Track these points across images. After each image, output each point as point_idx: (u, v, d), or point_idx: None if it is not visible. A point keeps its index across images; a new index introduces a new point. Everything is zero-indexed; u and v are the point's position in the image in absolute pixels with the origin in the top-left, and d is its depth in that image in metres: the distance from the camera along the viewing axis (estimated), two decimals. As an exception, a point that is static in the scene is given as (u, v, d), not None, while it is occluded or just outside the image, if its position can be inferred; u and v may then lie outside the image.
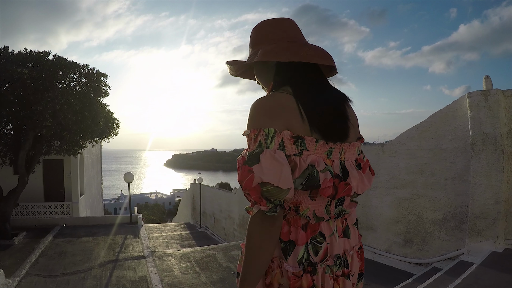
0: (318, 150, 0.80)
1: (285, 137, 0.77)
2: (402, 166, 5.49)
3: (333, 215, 0.87)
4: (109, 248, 7.16)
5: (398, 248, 5.39)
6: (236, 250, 6.80)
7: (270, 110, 0.80)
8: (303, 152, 0.79)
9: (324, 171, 0.79)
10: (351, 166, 0.87)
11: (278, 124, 0.78)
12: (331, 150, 0.82)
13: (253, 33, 0.98)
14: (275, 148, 0.76)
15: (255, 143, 0.77)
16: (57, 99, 5.87)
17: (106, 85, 7.12)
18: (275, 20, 0.96)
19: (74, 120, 6.30)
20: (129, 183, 9.85)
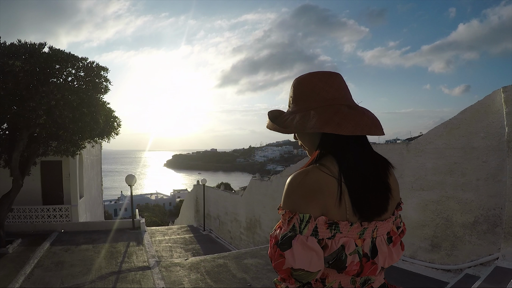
0: (352, 231, 0.79)
1: (319, 223, 0.77)
2: (429, 166, 5.17)
3: (359, 285, 0.85)
4: (111, 257, 6.59)
5: (424, 253, 5.12)
6: (249, 258, 6.25)
7: (307, 192, 0.78)
8: (336, 235, 0.78)
9: (352, 254, 0.79)
10: (382, 242, 0.85)
11: (313, 209, 0.77)
12: (364, 230, 0.81)
13: (298, 86, 0.90)
14: (308, 234, 0.76)
15: (289, 225, 0.77)
16: (52, 94, 5.28)
17: (106, 80, 6.54)
18: (327, 74, 0.89)
19: (71, 118, 5.71)
20: (131, 185, 9.25)
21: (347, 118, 0.81)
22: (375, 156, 0.89)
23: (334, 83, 0.87)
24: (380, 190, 0.84)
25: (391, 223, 0.89)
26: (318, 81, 0.87)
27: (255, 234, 10.74)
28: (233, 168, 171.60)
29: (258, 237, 10.52)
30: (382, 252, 0.84)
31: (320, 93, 0.86)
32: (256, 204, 10.60)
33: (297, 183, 0.79)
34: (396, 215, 0.91)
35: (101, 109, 6.54)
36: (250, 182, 11.13)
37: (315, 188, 0.77)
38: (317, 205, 0.77)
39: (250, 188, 11.13)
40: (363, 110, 0.87)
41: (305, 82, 0.89)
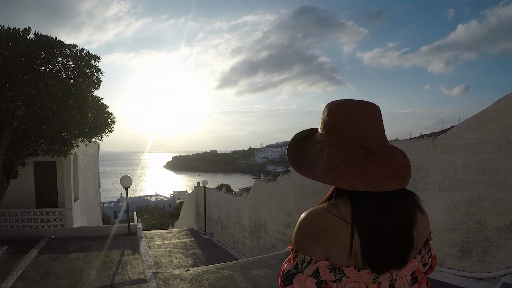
0: (361, 277, 0.76)
1: (320, 266, 0.76)
2: (459, 164, 4.70)
3: None
4: (103, 267, 5.91)
5: (453, 260, 4.67)
6: (258, 268, 5.58)
7: (312, 235, 0.78)
8: (342, 279, 0.76)
9: None
10: (404, 283, 0.80)
11: (316, 252, 0.77)
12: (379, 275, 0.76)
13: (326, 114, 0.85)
14: (308, 274, 0.77)
15: (293, 262, 0.80)
16: (33, 83, 4.63)
17: (98, 70, 5.87)
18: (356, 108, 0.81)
19: (55, 110, 5.04)
20: (127, 188, 8.56)
21: (354, 168, 0.76)
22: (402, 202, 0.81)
23: (360, 120, 0.81)
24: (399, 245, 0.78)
25: (416, 263, 0.83)
26: (343, 115, 0.82)
27: (260, 239, 10.11)
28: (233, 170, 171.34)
29: (264, 242, 9.89)
30: None
31: (342, 130, 0.82)
32: (261, 206, 9.98)
33: (306, 224, 0.80)
34: (423, 253, 0.87)
35: (91, 102, 5.86)
36: (255, 183, 10.50)
37: (322, 230, 0.77)
38: (321, 249, 0.77)
39: (254, 189, 10.51)
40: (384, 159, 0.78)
41: (332, 112, 0.85)
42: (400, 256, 0.78)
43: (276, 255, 6.54)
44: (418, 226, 0.82)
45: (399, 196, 0.81)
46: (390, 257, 0.76)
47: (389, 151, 0.81)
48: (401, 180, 0.78)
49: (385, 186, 0.76)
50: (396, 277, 0.79)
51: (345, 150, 0.78)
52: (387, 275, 0.77)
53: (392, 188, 0.76)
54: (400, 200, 0.81)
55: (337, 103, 0.85)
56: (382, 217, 0.77)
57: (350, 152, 0.78)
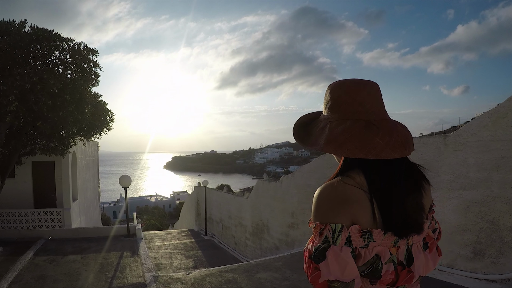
0: (385, 240, 0.78)
1: (352, 232, 0.76)
2: (472, 162, 4.53)
3: None
4: (101, 270, 5.67)
5: (464, 262, 4.53)
6: (262, 271, 5.35)
7: (336, 203, 0.78)
8: (370, 244, 0.77)
9: (388, 262, 0.78)
10: (418, 249, 0.84)
11: (344, 218, 0.76)
12: (398, 239, 0.79)
13: (330, 94, 0.90)
14: (341, 244, 0.76)
15: (321, 238, 0.77)
16: (27, 76, 4.39)
17: (96, 65, 5.63)
18: (354, 85, 0.87)
19: (51, 106, 4.80)
20: (126, 187, 8.32)
21: (353, 138, 0.79)
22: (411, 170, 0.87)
23: (358, 95, 0.86)
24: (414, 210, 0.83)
25: (426, 229, 0.87)
26: (343, 93, 0.87)
27: (263, 240, 9.88)
28: (232, 170, 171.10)
29: (266, 243, 9.66)
30: (419, 259, 0.83)
31: (342, 105, 0.86)
32: (264, 207, 9.75)
33: (325, 195, 0.80)
34: (429, 219, 0.90)
35: (89, 98, 5.61)
36: (257, 183, 10.28)
37: (344, 199, 0.78)
38: (347, 214, 0.77)
39: (256, 189, 10.28)
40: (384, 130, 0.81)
41: (333, 91, 0.90)
42: (419, 221, 0.83)
43: (281, 258, 6.30)
44: (425, 194, 0.87)
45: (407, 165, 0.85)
46: (410, 223, 0.80)
47: (389, 123, 0.85)
48: (402, 149, 0.80)
49: (385, 153, 0.78)
50: (411, 243, 0.82)
51: (345, 122, 0.83)
52: (405, 240, 0.80)
53: (393, 156, 0.79)
54: (409, 169, 0.85)
55: (337, 82, 0.90)
56: (396, 185, 0.80)
57: (350, 124, 0.82)
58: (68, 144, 8.08)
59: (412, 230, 0.81)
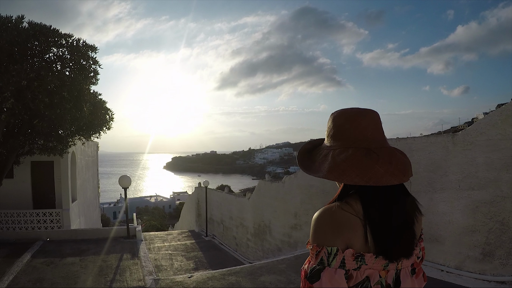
0: (376, 264, 0.83)
1: (346, 255, 0.81)
2: (481, 161, 4.43)
3: None
4: (100, 273, 5.51)
5: (473, 263, 4.42)
6: (266, 274, 5.19)
7: (333, 227, 0.83)
8: (362, 267, 0.82)
9: (376, 284, 0.83)
10: (406, 274, 0.89)
11: (340, 243, 0.81)
12: (388, 262, 0.84)
13: (330, 123, 0.97)
14: (336, 266, 0.80)
15: (317, 259, 0.82)
16: (24, 72, 4.24)
17: (95, 62, 5.47)
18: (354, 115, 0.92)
19: (48, 103, 4.64)
20: (126, 188, 8.16)
21: (354, 166, 0.84)
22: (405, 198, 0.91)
23: (360, 124, 0.90)
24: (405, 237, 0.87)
25: (415, 256, 0.92)
26: (344, 121, 0.92)
27: (265, 241, 9.73)
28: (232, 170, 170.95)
29: (268, 244, 9.51)
30: (405, 283, 0.87)
31: (344, 134, 0.91)
32: (266, 208, 9.60)
33: (322, 220, 0.85)
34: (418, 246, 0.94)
35: (87, 96, 5.45)
36: (259, 183, 10.12)
37: (340, 225, 0.83)
38: (342, 239, 0.82)
39: (258, 190, 10.12)
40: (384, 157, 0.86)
41: (335, 119, 0.95)
42: (409, 247, 0.88)
43: (285, 260, 6.15)
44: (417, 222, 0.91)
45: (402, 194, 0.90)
46: (401, 249, 0.85)
47: (388, 150, 0.89)
48: (401, 176, 0.85)
49: (385, 180, 0.82)
50: (401, 267, 0.87)
51: (347, 150, 0.87)
52: (395, 264, 0.85)
53: (393, 182, 0.83)
54: (403, 198, 0.89)
55: (339, 111, 0.96)
56: (390, 212, 0.84)
57: (352, 152, 0.86)
58: (67, 143, 7.92)
59: (403, 255, 0.86)
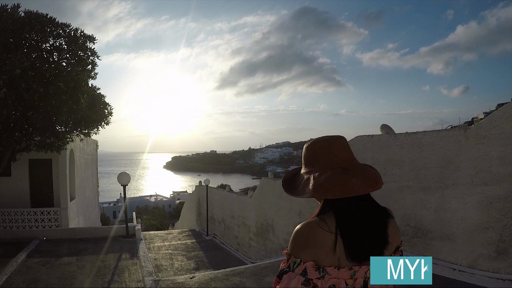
0: (341, 274, 0.97)
1: (308, 266, 0.97)
2: (495, 156, 4.25)
3: None
4: (97, 274, 5.26)
5: (487, 262, 4.25)
6: (272, 274, 4.94)
7: (303, 243, 0.99)
8: (325, 276, 0.97)
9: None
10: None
11: (306, 255, 0.98)
12: (355, 272, 0.98)
13: (305, 152, 1.13)
14: (298, 273, 0.97)
15: (287, 263, 1.01)
16: (18, 61, 3.99)
17: (93, 53, 5.22)
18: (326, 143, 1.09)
19: (43, 94, 4.38)
20: (125, 185, 7.91)
21: (335, 183, 0.99)
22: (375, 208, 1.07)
23: (332, 149, 1.07)
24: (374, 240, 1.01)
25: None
26: (319, 149, 1.09)
27: (267, 241, 9.48)
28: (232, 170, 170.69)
29: (271, 244, 9.26)
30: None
31: (320, 159, 1.06)
32: (269, 206, 9.35)
33: (299, 234, 1.01)
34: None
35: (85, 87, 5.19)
36: (261, 181, 9.87)
37: (311, 241, 0.98)
38: (309, 254, 0.98)
39: (261, 188, 9.88)
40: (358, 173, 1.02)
41: (309, 149, 1.11)
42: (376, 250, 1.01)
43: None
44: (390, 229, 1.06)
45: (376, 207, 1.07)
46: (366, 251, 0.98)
47: (361, 166, 1.06)
48: (375, 184, 1.02)
49: (362, 190, 1.00)
50: (369, 276, 1.00)
51: (326, 172, 1.02)
52: (362, 272, 0.99)
53: (369, 191, 1.01)
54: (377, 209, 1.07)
55: (312, 141, 1.13)
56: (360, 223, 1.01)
57: (331, 173, 1.02)
58: (64, 139, 7.68)
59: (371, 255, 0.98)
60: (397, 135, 5.41)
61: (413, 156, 5.04)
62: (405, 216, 5.10)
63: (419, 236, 4.92)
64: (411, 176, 5.04)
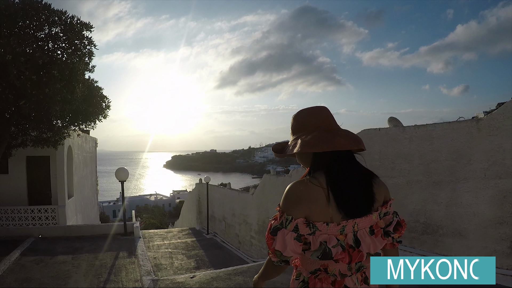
0: (330, 230, 1.05)
1: (299, 222, 1.05)
2: (508, 148, 4.06)
3: (354, 271, 1.11)
4: (93, 273, 5.01)
5: (501, 258, 4.08)
6: (276, 275, 4.70)
7: (295, 199, 1.07)
8: (316, 232, 1.06)
9: (335, 246, 1.06)
10: (364, 234, 1.10)
11: (298, 212, 1.05)
12: (343, 227, 1.06)
13: (293, 121, 1.24)
14: (290, 229, 1.05)
15: (279, 220, 1.08)
16: (9, 47, 3.74)
17: (90, 42, 4.96)
18: (311, 110, 1.21)
19: (35, 81, 4.11)
20: (123, 181, 7.66)
21: (321, 140, 1.09)
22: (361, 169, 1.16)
23: (317, 115, 1.18)
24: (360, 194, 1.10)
25: (373, 219, 1.13)
26: (305, 116, 1.20)
27: (269, 239, 9.26)
28: (232, 169, 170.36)
29: (273, 242, 9.03)
30: (365, 242, 1.09)
31: (306, 124, 1.18)
32: (271, 204, 9.11)
33: (290, 192, 1.09)
34: (380, 212, 1.15)
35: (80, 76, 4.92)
36: (264, 178, 9.64)
37: (302, 197, 1.06)
38: (301, 210, 1.05)
39: (263, 185, 9.64)
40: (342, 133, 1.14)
41: (297, 118, 1.22)
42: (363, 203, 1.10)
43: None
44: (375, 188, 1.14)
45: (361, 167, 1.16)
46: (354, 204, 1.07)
47: (344, 130, 1.18)
48: (358, 143, 1.11)
49: (348, 146, 1.09)
50: (357, 229, 1.09)
51: (312, 132, 1.13)
52: (350, 227, 1.07)
53: (353, 147, 1.11)
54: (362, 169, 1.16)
55: (299, 111, 1.24)
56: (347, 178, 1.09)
57: (317, 133, 1.12)
58: (61, 134, 7.44)
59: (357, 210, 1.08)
60: (406, 128, 5.18)
61: (423, 150, 4.81)
62: (414, 211, 4.88)
63: (429, 232, 4.71)
64: (420, 170, 4.82)
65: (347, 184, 1.07)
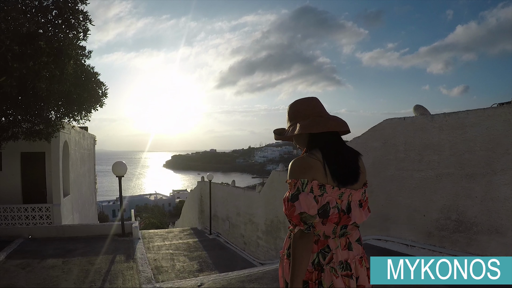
0: (333, 193, 1.29)
1: (314, 184, 1.27)
2: None
3: (338, 235, 1.34)
4: (84, 280, 4.36)
5: None
6: (295, 282, 4.07)
7: (303, 167, 1.30)
8: (324, 194, 1.28)
9: (333, 208, 1.29)
10: (355, 205, 1.34)
11: (309, 176, 1.27)
12: (342, 194, 1.31)
13: (289, 110, 1.49)
14: (307, 191, 1.26)
15: (295, 188, 1.27)
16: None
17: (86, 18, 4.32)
18: (305, 100, 1.47)
19: (18, 53, 3.43)
20: (120, 177, 7.02)
21: (317, 123, 1.36)
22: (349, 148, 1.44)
23: (310, 104, 1.44)
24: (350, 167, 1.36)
25: (361, 195, 1.38)
26: (300, 105, 1.46)
27: (278, 239, 8.63)
28: (232, 169, 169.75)
29: (282, 242, 8.40)
30: (354, 210, 1.33)
31: (302, 112, 1.43)
32: (280, 202, 8.38)
33: (297, 163, 1.32)
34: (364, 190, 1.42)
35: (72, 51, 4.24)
36: (272, 174, 9.02)
37: (308, 166, 1.30)
38: (310, 174, 1.27)
39: (270, 182, 9.02)
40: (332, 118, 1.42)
41: (292, 107, 1.48)
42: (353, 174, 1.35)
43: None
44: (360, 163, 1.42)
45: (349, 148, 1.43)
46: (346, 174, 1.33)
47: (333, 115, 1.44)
48: (345, 126, 1.41)
49: (339, 128, 1.39)
50: (351, 200, 1.33)
51: (308, 118, 1.40)
52: (346, 196, 1.31)
53: (342, 129, 1.41)
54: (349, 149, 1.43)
55: (294, 102, 1.49)
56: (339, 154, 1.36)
57: (312, 118, 1.39)
58: (54, 126, 6.83)
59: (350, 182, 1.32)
60: (434, 116, 4.59)
61: (454, 139, 4.21)
62: (445, 208, 4.28)
63: (462, 230, 4.11)
64: (452, 162, 4.21)
65: (339, 157, 1.34)
